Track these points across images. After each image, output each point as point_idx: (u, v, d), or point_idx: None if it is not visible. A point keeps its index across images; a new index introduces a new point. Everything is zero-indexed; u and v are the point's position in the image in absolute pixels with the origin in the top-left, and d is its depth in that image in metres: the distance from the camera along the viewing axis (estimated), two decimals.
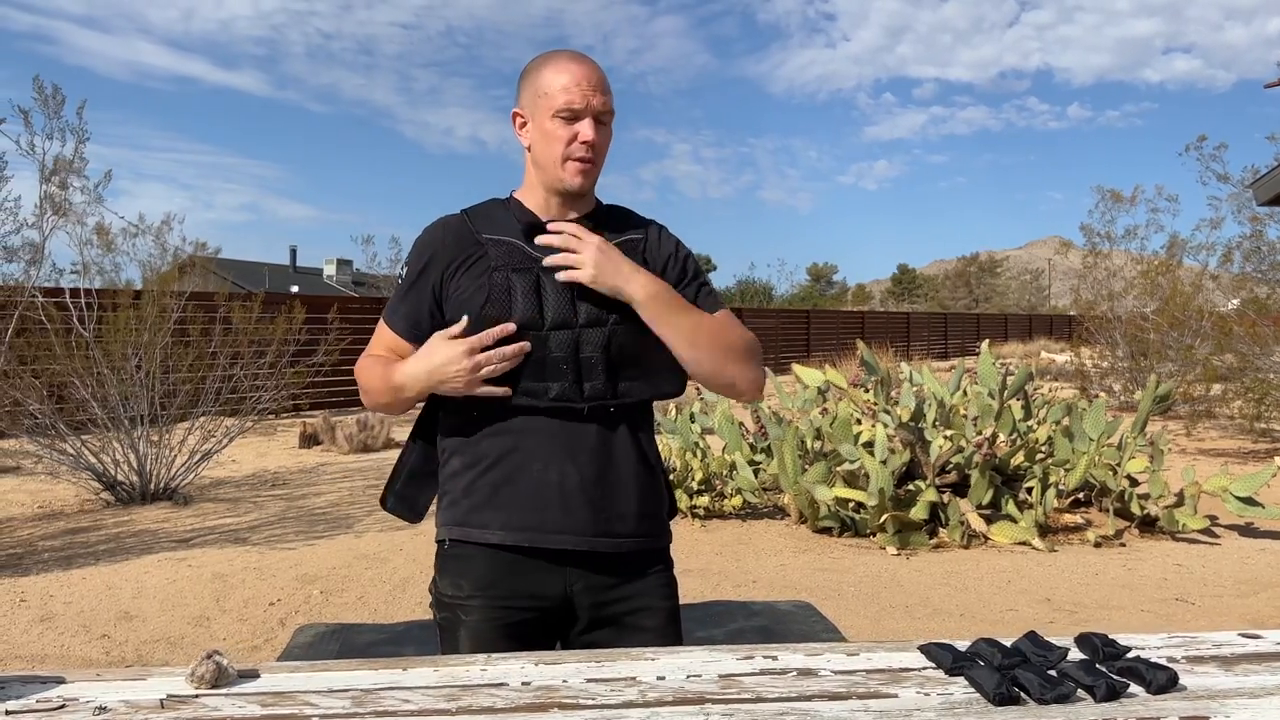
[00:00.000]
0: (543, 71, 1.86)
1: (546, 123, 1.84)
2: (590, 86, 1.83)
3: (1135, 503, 6.75)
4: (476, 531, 1.86)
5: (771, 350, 27.20)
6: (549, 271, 1.84)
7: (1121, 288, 15.13)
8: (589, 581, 1.87)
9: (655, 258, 1.95)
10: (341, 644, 3.64)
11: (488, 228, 1.89)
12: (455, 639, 1.87)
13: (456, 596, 1.88)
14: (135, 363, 7.77)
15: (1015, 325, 43.48)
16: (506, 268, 1.84)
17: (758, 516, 7.22)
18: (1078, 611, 4.91)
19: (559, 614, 1.89)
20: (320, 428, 11.70)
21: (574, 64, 1.85)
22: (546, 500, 1.84)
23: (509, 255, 1.85)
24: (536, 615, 1.87)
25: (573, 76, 1.83)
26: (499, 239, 1.87)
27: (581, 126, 1.83)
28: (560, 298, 1.83)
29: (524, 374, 1.82)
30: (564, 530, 1.84)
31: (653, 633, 1.89)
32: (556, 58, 1.87)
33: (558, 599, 1.87)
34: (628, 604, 1.90)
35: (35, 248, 6.87)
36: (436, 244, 1.90)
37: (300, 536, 6.57)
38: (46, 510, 7.55)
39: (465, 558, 1.88)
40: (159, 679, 1.52)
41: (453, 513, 1.90)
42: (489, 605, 1.85)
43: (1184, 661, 1.60)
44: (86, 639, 4.50)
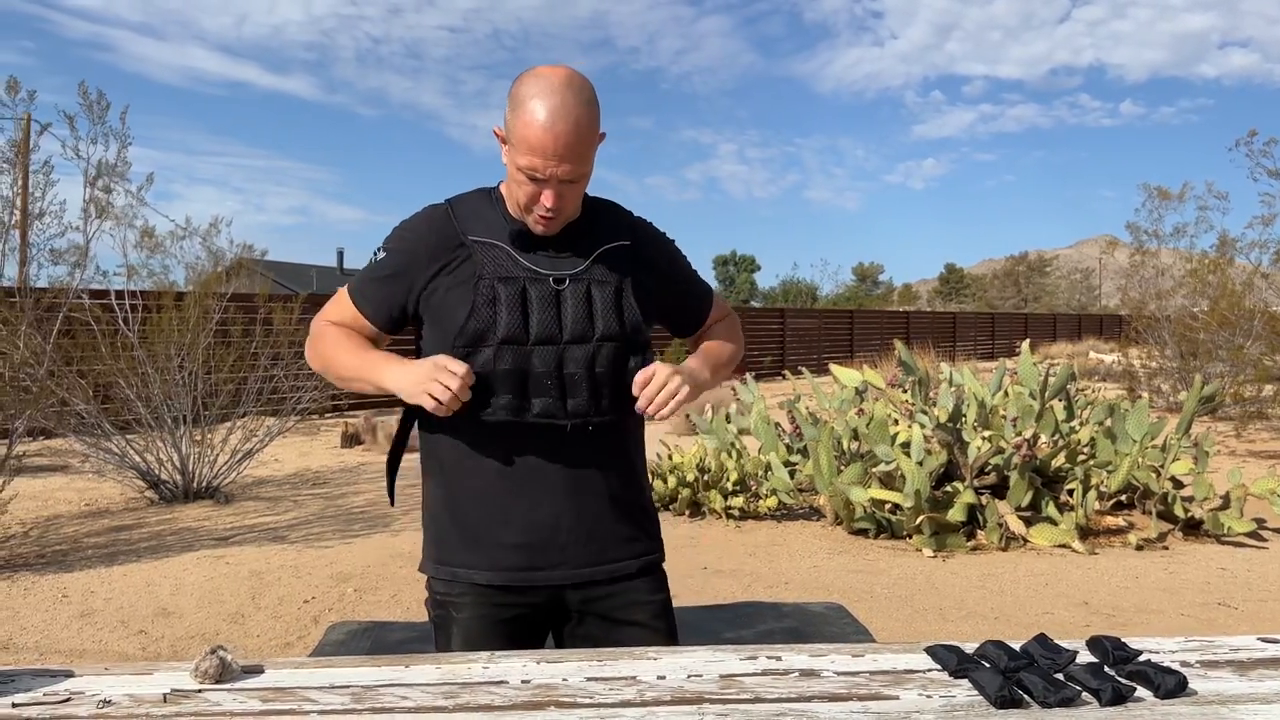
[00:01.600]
0: (520, 112, 1.71)
1: (514, 169, 1.75)
2: (556, 157, 1.69)
3: (1179, 505, 6.62)
4: (464, 572, 1.86)
5: (814, 350, 27.07)
6: (536, 283, 1.80)
7: (1170, 286, 14.86)
8: (583, 595, 1.89)
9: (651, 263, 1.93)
10: (373, 642, 3.68)
11: (475, 227, 1.83)
12: (448, 635, 1.89)
13: (449, 595, 1.88)
14: (178, 363, 7.89)
15: (1064, 325, 42.90)
16: (493, 277, 1.79)
17: (793, 518, 7.18)
18: (1116, 615, 4.83)
19: (550, 611, 1.90)
20: (362, 428, 11.81)
21: (546, 125, 1.68)
22: (535, 541, 1.84)
23: (496, 263, 1.80)
24: (528, 612, 1.88)
25: (540, 141, 1.68)
26: (487, 242, 1.82)
27: (543, 193, 1.73)
28: (546, 312, 1.79)
29: (506, 389, 1.79)
30: (554, 566, 1.85)
31: (645, 627, 1.90)
32: (534, 101, 1.69)
33: (548, 598, 1.88)
34: (618, 599, 1.90)
35: (80, 250, 7.00)
36: (420, 242, 1.84)
37: (337, 535, 6.64)
38: (93, 508, 7.68)
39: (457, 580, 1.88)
40: (164, 674, 1.54)
41: (439, 550, 1.89)
42: (481, 603, 1.86)
43: (1198, 666, 1.57)
44: (124, 634, 4.58)
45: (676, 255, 2.03)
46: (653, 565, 1.95)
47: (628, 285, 1.86)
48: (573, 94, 1.71)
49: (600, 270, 1.84)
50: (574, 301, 1.80)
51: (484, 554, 1.83)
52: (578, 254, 1.84)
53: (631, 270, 1.88)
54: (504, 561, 1.83)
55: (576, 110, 1.70)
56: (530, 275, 1.79)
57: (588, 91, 1.74)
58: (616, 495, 1.89)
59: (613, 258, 1.86)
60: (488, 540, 1.83)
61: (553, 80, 1.72)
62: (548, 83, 1.71)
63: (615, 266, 1.86)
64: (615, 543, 1.88)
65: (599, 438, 1.85)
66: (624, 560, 1.89)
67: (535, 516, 1.82)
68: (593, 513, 1.86)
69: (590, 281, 1.82)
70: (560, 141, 1.69)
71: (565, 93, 1.70)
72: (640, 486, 1.97)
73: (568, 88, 1.71)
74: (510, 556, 1.83)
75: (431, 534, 1.91)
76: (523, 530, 1.83)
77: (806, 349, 27.00)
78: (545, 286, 1.79)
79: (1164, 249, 15.12)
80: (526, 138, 1.70)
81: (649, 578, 1.95)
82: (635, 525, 1.93)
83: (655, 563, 1.96)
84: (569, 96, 1.70)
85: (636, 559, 1.91)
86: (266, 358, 8.60)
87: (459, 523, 1.86)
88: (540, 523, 1.83)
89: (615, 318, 1.82)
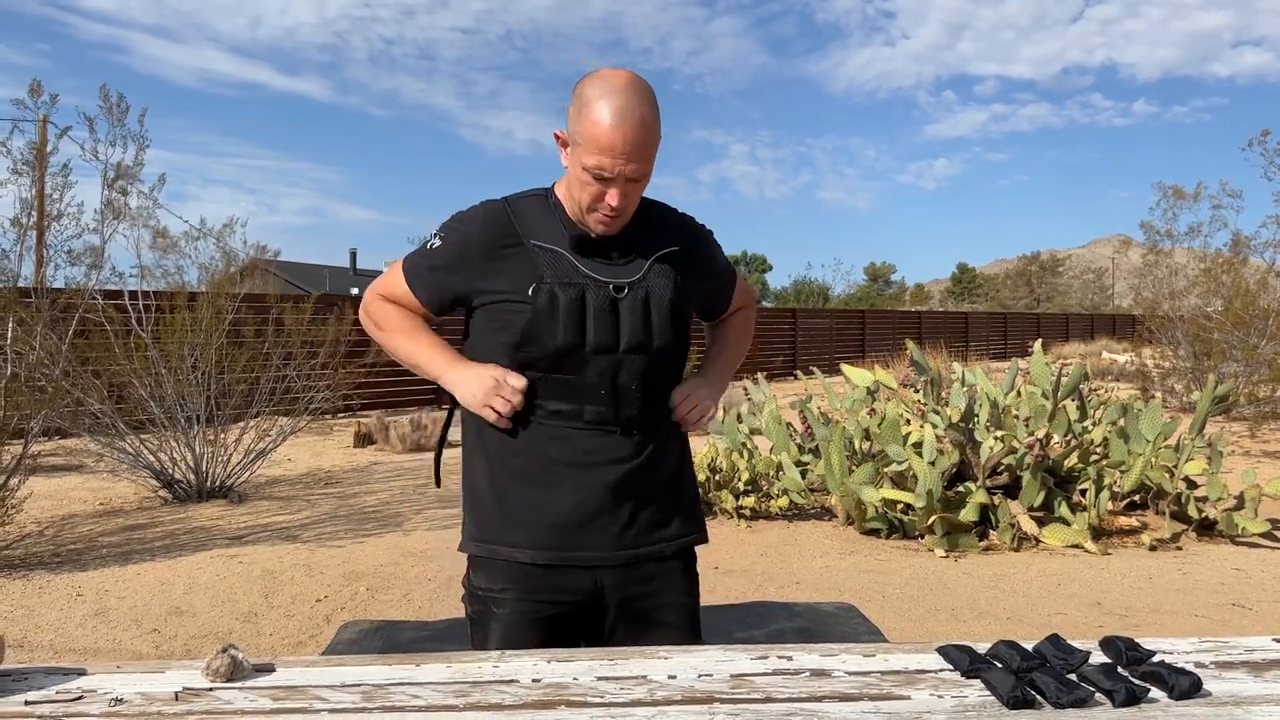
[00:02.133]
0: (587, 112, 1.74)
1: (579, 169, 1.77)
2: (624, 155, 1.73)
3: (1192, 505, 6.59)
4: (505, 549, 1.87)
5: (826, 351, 27.02)
6: (594, 290, 1.82)
7: (1184, 286, 14.78)
8: (617, 578, 1.89)
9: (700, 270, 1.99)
10: (384, 641, 3.68)
11: (535, 229, 1.85)
12: (486, 631, 1.89)
13: (490, 590, 1.89)
14: (191, 363, 7.92)
15: (1077, 325, 42.71)
16: (553, 282, 1.81)
17: (804, 518, 7.16)
18: (1129, 616, 4.81)
19: (589, 608, 1.90)
20: (374, 427, 11.84)
21: (614, 124, 1.71)
22: (578, 521, 1.85)
23: (557, 268, 1.82)
24: (567, 610, 1.89)
25: (609, 139, 1.71)
26: (547, 247, 1.83)
27: (609, 192, 1.77)
28: (603, 321, 1.81)
29: (559, 396, 1.83)
30: (595, 549, 1.86)
31: (673, 627, 1.92)
32: (601, 102, 1.73)
33: (588, 594, 1.89)
34: (654, 599, 1.92)
35: (96, 251, 7.03)
36: (476, 237, 1.86)
37: (350, 534, 6.65)
38: (107, 507, 7.72)
39: (498, 559, 1.89)
40: (176, 672, 1.55)
41: (481, 529, 1.91)
42: (521, 599, 1.87)
43: (1212, 667, 1.56)
44: (138, 633, 4.59)
45: (716, 251, 2.08)
46: (686, 550, 1.98)
47: (682, 293, 1.90)
48: (638, 94, 1.75)
49: (656, 279, 1.87)
50: (631, 311, 1.83)
51: (526, 532, 1.85)
52: (633, 259, 1.87)
53: (684, 275, 1.92)
54: (545, 540, 1.85)
55: (642, 109, 1.75)
56: (589, 282, 1.82)
57: (650, 93, 1.79)
58: (659, 482, 1.92)
59: (667, 263, 1.90)
60: (530, 519, 1.85)
61: (617, 81, 1.76)
62: (612, 84, 1.75)
63: (669, 273, 1.89)
64: (654, 528, 1.91)
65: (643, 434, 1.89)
66: (660, 543, 1.92)
67: (578, 498, 1.84)
68: (635, 498, 1.88)
69: (647, 290, 1.85)
70: (628, 140, 1.72)
71: (631, 93, 1.74)
72: (683, 475, 2.00)
73: (633, 88, 1.75)
74: (551, 536, 1.85)
75: (474, 513, 1.93)
76: (564, 511, 1.85)
77: (818, 349, 26.95)
78: (604, 294, 1.82)
79: (1178, 248, 15.03)
80: (595, 137, 1.73)
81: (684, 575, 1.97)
82: (674, 512, 1.95)
83: (690, 546, 1.99)
84: (634, 97, 1.74)
85: (672, 542, 1.94)
86: (279, 358, 8.63)
87: (502, 502, 1.87)
88: (582, 504, 1.85)
89: (671, 329, 1.87)
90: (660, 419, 1.92)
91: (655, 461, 1.91)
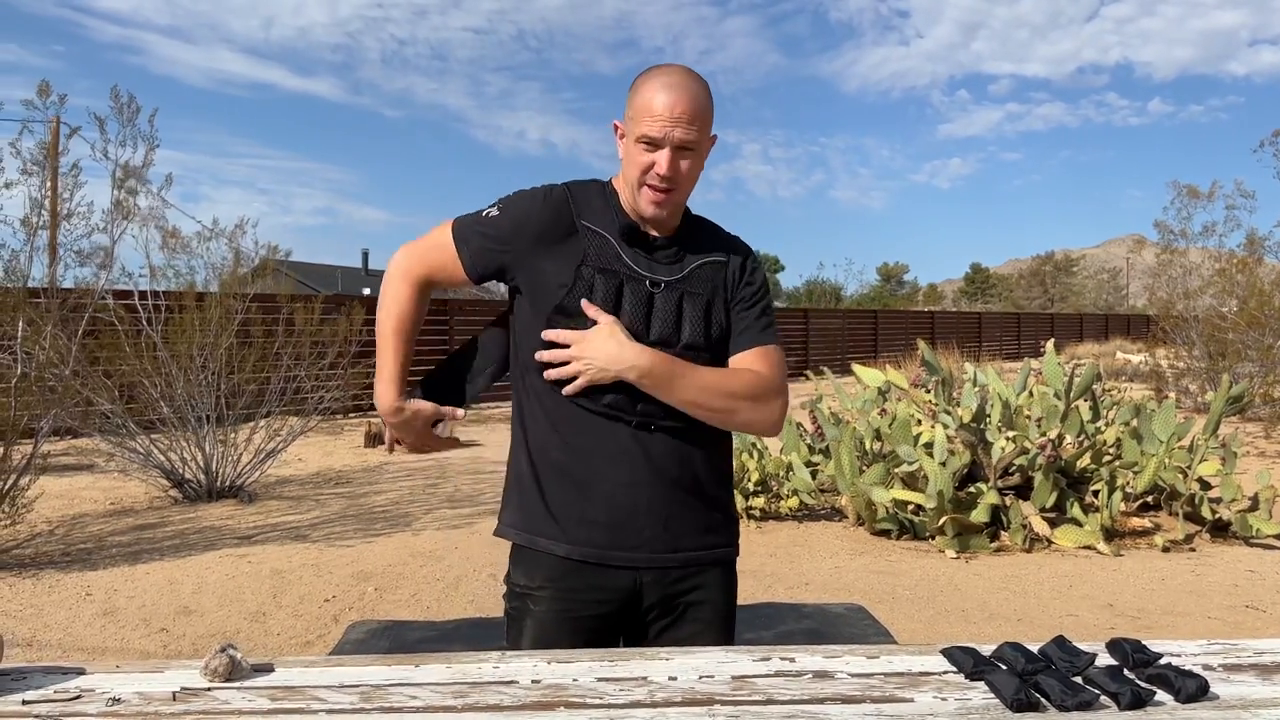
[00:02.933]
0: (640, 90, 1.81)
1: (631, 144, 1.82)
2: (673, 119, 1.77)
3: (1206, 507, 6.54)
4: (544, 541, 1.87)
5: (838, 351, 26.98)
6: (633, 281, 1.84)
7: (1198, 286, 14.70)
8: (656, 576, 1.88)
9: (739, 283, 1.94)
10: (392, 641, 3.68)
11: (589, 214, 1.89)
12: (521, 628, 1.89)
13: (528, 586, 1.89)
14: (201, 362, 7.94)
15: (1091, 325, 42.53)
16: (595, 266, 1.84)
17: (815, 518, 7.14)
18: (1141, 618, 4.77)
19: (627, 607, 1.89)
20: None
21: (665, 91, 1.78)
22: (615, 521, 1.85)
23: (602, 253, 1.85)
24: (606, 610, 1.88)
25: (660, 104, 1.77)
26: (596, 230, 1.87)
27: (659, 157, 1.79)
28: (636, 312, 1.83)
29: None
30: (632, 548, 1.86)
31: (708, 627, 1.92)
32: (654, 78, 1.81)
33: (627, 593, 1.88)
34: (692, 596, 1.91)
35: (106, 251, 7.05)
36: (533, 216, 1.87)
37: (359, 534, 6.66)
38: (118, 507, 7.74)
39: (538, 553, 1.89)
40: (175, 671, 1.54)
41: (521, 516, 1.91)
42: (558, 596, 1.87)
43: (1220, 669, 1.54)
44: (146, 632, 4.60)
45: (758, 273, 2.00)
46: (726, 560, 1.97)
47: (719, 300, 1.90)
48: (691, 74, 1.85)
49: (695, 281, 1.89)
50: (665, 307, 1.85)
51: (564, 528, 1.85)
52: (677, 261, 1.89)
53: (723, 286, 1.92)
54: (583, 537, 1.85)
55: (694, 83, 1.82)
56: (629, 273, 1.85)
57: (704, 80, 1.87)
58: (698, 489, 1.90)
59: (709, 271, 1.91)
60: (570, 515, 1.85)
61: (671, 67, 1.86)
62: (667, 68, 1.85)
63: (710, 280, 1.90)
64: (692, 533, 1.89)
65: (685, 431, 1.86)
66: (699, 550, 1.91)
67: (617, 498, 1.84)
68: (673, 501, 1.86)
69: (684, 291, 1.87)
70: (679, 104, 1.78)
71: (684, 71, 1.84)
72: (722, 485, 1.97)
73: (686, 70, 1.85)
74: (590, 533, 1.84)
75: (516, 500, 1.93)
76: (604, 510, 1.84)
77: (830, 349, 26.91)
78: (641, 287, 1.85)
79: (1192, 248, 14.96)
80: (648, 104, 1.78)
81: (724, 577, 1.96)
82: (713, 519, 1.93)
83: (729, 558, 1.98)
84: (688, 74, 1.84)
85: (710, 550, 1.93)
86: (289, 357, 8.64)
87: (544, 494, 1.88)
88: (620, 504, 1.84)
89: (702, 329, 1.86)
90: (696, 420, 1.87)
91: (695, 462, 1.89)
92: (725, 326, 1.91)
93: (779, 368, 1.92)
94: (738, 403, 1.85)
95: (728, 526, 1.98)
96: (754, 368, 1.89)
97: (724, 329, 1.90)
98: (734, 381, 1.86)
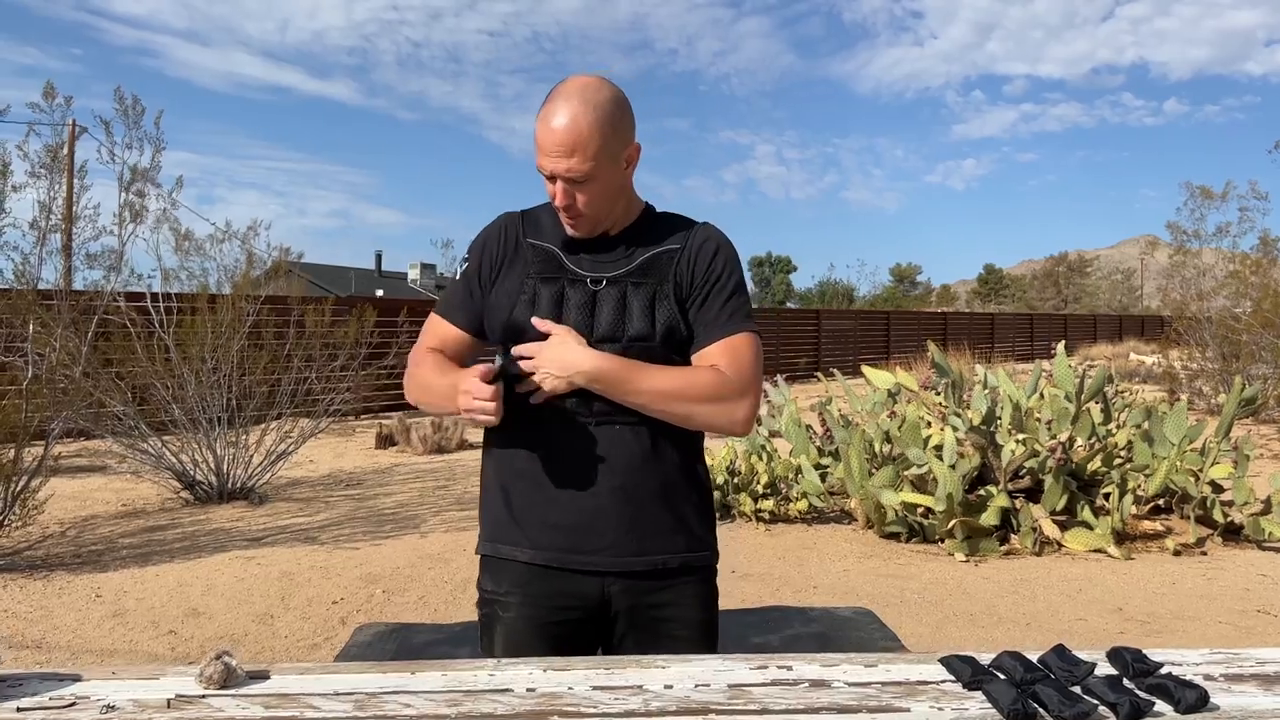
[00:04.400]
0: (538, 119, 1.79)
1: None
2: (555, 155, 1.75)
3: (1218, 510, 6.50)
4: (507, 548, 1.87)
5: (850, 352, 26.89)
6: (575, 285, 1.85)
7: (1212, 287, 14.62)
8: (625, 586, 1.85)
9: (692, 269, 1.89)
10: (399, 644, 3.67)
11: (535, 232, 1.91)
12: (492, 636, 1.89)
13: (495, 592, 1.89)
14: (212, 364, 7.96)
15: (1105, 326, 42.34)
16: (537, 277, 1.86)
17: (824, 521, 7.12)
18: (1150, 622, 4.74)
19: (597, 616, 1.87)
20: (396, 429, 11.87)
21: (545, 123, 1.75)
22: (578, 524, 1.83)
23: (545, 264, 1.87)
24: (575, 617, 1.86)
25: (541, 138, 1.76)
26: (540, 245, 1.89)
27: (555, 189, 1.80)
28: (580, 313, 1.83)
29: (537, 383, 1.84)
30: (595, 551, 1.83)
31: (686, 642, 1.87)
32: (544, 105, 1.78)
33: (595, 600, 1.85)
34: (665, 610, 1.88)
35: (115, 254, 7.08)
36: (491, 241, 1.93)
37: (367, 536, 6.67)
38: (129, 509, 7.77)
39: (504, 559, 1.88)
40: (171, 678, 1.54)
41: (488, 527, 1.93)
42: (526, 604, 1.85)
43: (1221, 680, 1.53)
44: (154, 634, 4.61)
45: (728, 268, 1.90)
46: (696, 566, 1.91)
47: (667, 288, 1.85)
48: (577, 95, 1.76)
49: (642, 273, 1.86)
50: (609, 303, 1.83)
51: (528, 532, 1.84)
52: (625, 259, 1.87)
53: (675, 274, 1.87)
54: (546, 540, 1.83)
55: (577, 109, 1.74)
56: (571, 277, 1.85)
57: (598, 95, 1.76)
58: (664, 488, 1.86)
59: (659, 262, 1.87)
60: (533, 519, 1.84)
61: (563, 85, 1.79)
62: (559, 88, 1.79)
63: (658, 270, 1.86)
64: (658, 535, 1.85)
65: (649, 430, 1.83)
66: (665, 554, 1.86)
67: (580, 500, 1.82)
68: (637, 502, 1.83)
69: (628, 284, 1.85)
70: (555, 137, 1.74)
71: (570, 95, 1.76)
72: (691, 483, 1.91)
73: (574, 90, 1.77)
74: (553, 536, 1.83)
75: (485, 513, 1.94)
76: (567, 512, 1.82)
77: (842, 350, 26.83)
78: (584, 288, 1.84)
79: (1206, 249, 14.88)
80: (537, 135, 1.78)
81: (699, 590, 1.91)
82: (680, 520, 1.88)
83: (700, 564, 1.91)
84: (573, 98, 1.76)
85: (678, 554, 1.87)
86: (300, 359, 8.66)
87: (508, 501, 1.87)
88: (584, 506, 1.82)
89: (647, 320, 1.83)
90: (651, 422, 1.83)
91: (661, 462, 1.85)
92: (677, 315, 1.84)
93: (746, 363, 1.83)
94: (694, 406, 1.79)
95: (698, 530, 1.91)
96: (719, 364, 1.82)
97: (675, 317, 1.83)
98: (692, 382, 1.80)
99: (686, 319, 1.87)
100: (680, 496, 1.89)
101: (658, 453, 1.86)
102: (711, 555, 1.94)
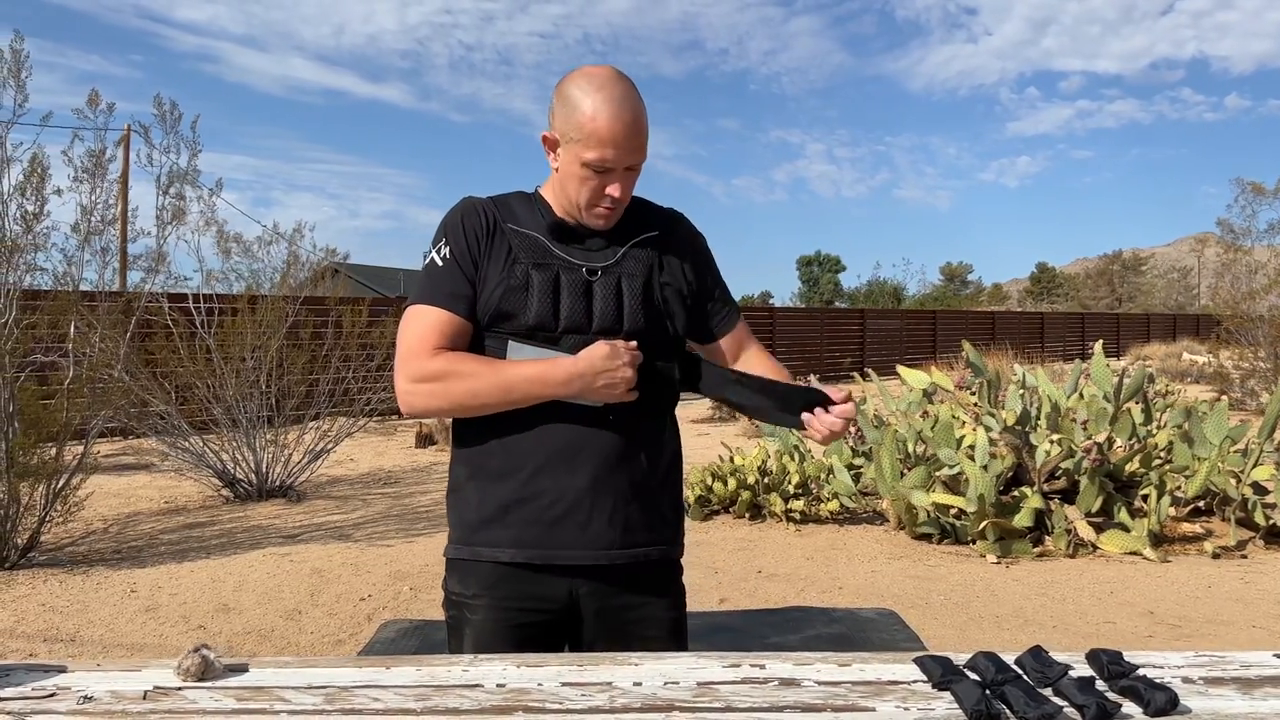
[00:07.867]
0: (582, 109, 1.73)
1: (577, 166, 1.76)
2: (626, 147, 1.74)
3: (1260, 512, 6.36)
4: (487, 550, 1.84)
5: (895, 352, 26.67)
6: (569, 271, 1.82)
7: (1264, 285, 14.31)
8: (593, 588, 1.85)
9: (679, 255, 1.92)
10: (421, 640, 3.71)
11: (512, 217, 1.86)
12: (460, 638, 1.88)
13: (463, 595, 1.87)
14: (252, 364, 8.09)
15: (1159, 325, 41.56)
16: (528, 262, 1.82)
17: (855, 522, 7.08)
18: (1182, 626, 4.66)
19: (565, 619, 1.87)
20: (435, 428, 11.98)
21: (615, 119, 1.72)
22: (558, 517, 1.82)
23: (532, 249, 1.83)
24: (543, 619, 1.85)
25: (611, 132, 1.72)
26: (523, 231, 1.85)
27: (612, 181, 1.77)
28: (576, 301, 1.81)
29: None
30: (576, 546, 1.82)
31: (655, 643, 1.86)
32: (594, 94, 1.73)
33: (562, 603, 1.85)
34: (633, 612, 1.88)
35: (156, 255, 7.22)
36: (468, 223, 1.84)
37: (400, 534, 6.73)
38: (171, 506, 7.92)
39: (474, 561, 1.87)
40: (152, 670, 1.57)
41: (463, 531, 1.89)
42: (494, 606, 1.85)
43: (1200, 683, 1.50)
44: (184, 629, 4.70)
45: (704, 251, 2.01)
46: (672, 560, 1.93)
47: (656, 277, 1.87)
48: (629, 86, 1.79)
49: (631, 263, 1.86)
50: (604, 294, 1.82)
51: (504, 530, 1.82)
52: (609, 245, 1.86)
53: (661, 260, 1.89)
54: (524, 538, 1.81)
55: (636, 99, 1.78)
56: (564, 264, 1.82)
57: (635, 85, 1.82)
58: (642, 483, 1.86)
59: (643, 249, 1.88)
60: (509, 517, 1.82)
61: (606, 75, 1.78)
62: (602, 78, 1.77)
63: (645, 258, 1.87)
64: (636, 529, 1.85)
65: (628, 425, 1.83)
66: (643, 547, 1.86)
67: (557, 495, 1.81)
68: (615, 496, 1.83)
69: (621, 274, 1.84)
70: (631, 130, 1.75)
71: (623, 84, 1.78)
72: (668, 479, 1.92)
73: (622, 79, 1.79)
74: (530, 532, 1.81)
75: (455, 515, 1.91)
76: (543, 507, 1.81)
77: (888, 350, 26.62)
78: (577, 276, 1.82)
79: (1257, 246, 14.56)
80: (596, 131, 1.73)
81: (666, 592, 1.93)
82: (658, 515, 1.89)
83: (675, 558, 1.94)
84: (627, 87, 1.78)
85: (656, 547, 1.88)
86: (337, 359, 8.77)
87: (482, 501, 1.85)
88: (561, 501, 1.81)
89: (643, 312, 1.83)
90: (641, 412, 1.84)
91: (639, 458, 1.85)
92: (668, 305, 1.87)
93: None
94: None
95: (674, 523, 1.93)
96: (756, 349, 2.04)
97: (667, 308, 1.87)
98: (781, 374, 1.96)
99: (684, 309, 1.91)
100: (657, 495, 1.90)
101: (638, 444, 1.86)
102: (681, 551, 1.95)
